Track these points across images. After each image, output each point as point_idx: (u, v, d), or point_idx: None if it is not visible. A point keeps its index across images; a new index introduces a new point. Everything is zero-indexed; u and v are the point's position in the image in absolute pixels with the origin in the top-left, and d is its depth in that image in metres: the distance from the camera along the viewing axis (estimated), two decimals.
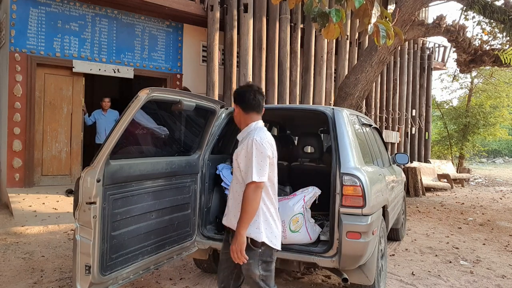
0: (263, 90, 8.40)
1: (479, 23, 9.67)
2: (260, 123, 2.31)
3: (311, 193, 3.15)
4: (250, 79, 8.06)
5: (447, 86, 24.93)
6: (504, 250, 5.18)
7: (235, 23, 7.92)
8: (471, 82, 16.95)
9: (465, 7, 7.89)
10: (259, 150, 2.12)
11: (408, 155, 4.95)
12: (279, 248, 2.26)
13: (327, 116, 3.23)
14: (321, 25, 2.44)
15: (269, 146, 2.18)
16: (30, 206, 5.94)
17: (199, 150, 3.34)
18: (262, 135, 2.19)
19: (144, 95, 2.34)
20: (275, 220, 2.25)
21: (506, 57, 7.80)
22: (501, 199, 10.09)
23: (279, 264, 3.23)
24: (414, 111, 12.24)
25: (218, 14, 7.72)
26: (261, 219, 2.18)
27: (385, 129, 11.08)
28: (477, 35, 12.14)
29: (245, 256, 2.09)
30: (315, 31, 9.10)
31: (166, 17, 7.99)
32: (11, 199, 6.08)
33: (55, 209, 5.94)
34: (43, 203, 6.07)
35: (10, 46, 6.45)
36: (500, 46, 9.04)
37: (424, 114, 12.58)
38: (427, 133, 12.67)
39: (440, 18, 7.77)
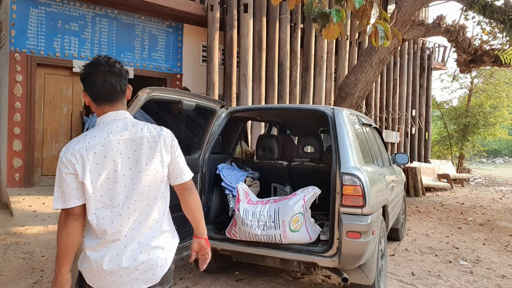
0: (263, 90, 8.48)
1: (479, 23, 9.68)
2: (109, 116, 1.59)
3: (311, 192, 3.15)
4: (250, 79, 8.07)
5: (447, 86, 24.96)
6: (504, 250, 5.19)
7: (235, 23, 7.92)
8: (471, 82, 16.96)
9: (465, 7, 7.89)
10: (57, 167, 1.54)
11: (408, 155, 4.95)
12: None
13: (327, 116, 3.23)
14: (321, 25, 2.45)
15: (66, 160, 1.49)
16: (30, 206, 5.95)
17: (199, 149, 3.34)
18: (72, 142, 1.55)
19: (144, 94, 2.34)
20: (92, 258, 1.55)
21: (506, 57, 7.81)
22: (501, 199, 10.09)
23: (279, 264, 3.24)
24: (414, 111, 12.25)
25: (218, 14, 7.72)
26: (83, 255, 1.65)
27: (385, 129, 11.08)
28: (477, 35, 12.16)
29: None
30: (315, 31, 9.11)
31: (166, 17, 8.00)
32: (11, 199, 6.08)
33: (55, 209, 5.94)
34: (43, 203, 6.08)
35: (10, 46, 6.45)
36: (500, 46, 9.05)
37: (424, 114, 12.59)
38: (427, 133, 12.67)
39: (440, 18, 7.78)
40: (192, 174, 1.74)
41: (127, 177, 1.54)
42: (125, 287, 1.54)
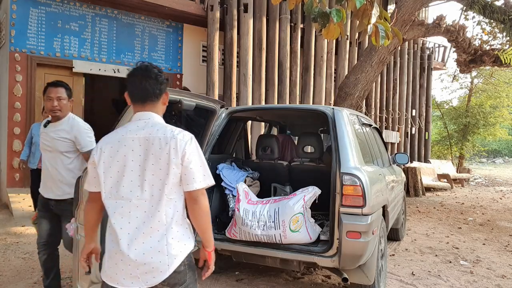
0: (263, 90, 8.48)
1: (479, 23, 9.68)
2: (136, 116, 1.74)
3: (311, 192, 3.15)
4: (250, 79, 8.07)
5: (447, 86, 24.98)
6: (504, 250, 5.18)
7: (235, 23, 7.92)
8: (471, 82, 16.96)
9: (465, 7, 7.90)
10: None
11: (408, 155, 4.95)
12: (103, 278, 1.72)
13: (327, 116, 3.23)
14: (321, 25, 2.45)
15: (95, 149, 1.72)
16: (30, 206, 5.94)
17: None
18: (109, 135, 1.76)
19: None
20: (108, 244, 1.70)
21: (506, 57, 7.81)
22: (501, 199, 10.09)
23: (279, 264, 3.24)
24: (414, 111, 12.24)
25: (218, 14, 7.72)
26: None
27: (385, 129, 11.08)
28: (477, 35, 12.17)
29: None
30: (315, 31, 9.11)
31: (166, 17, 7.99)
32: (11, 199, 6.08)
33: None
34: None
35: (10, 46, 6.45)
36: (500, 46, 9.05)
37: (424, 114, 12.59)
38: (427, 133, 12.67)
39: (440, 18, 7.77)
40: (207, 184, 1.69)
41: (135, 173, 1.64)
42: (126, 281, 1.62)
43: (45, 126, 2.98)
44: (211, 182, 1.71)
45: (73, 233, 2.69)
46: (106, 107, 10.99)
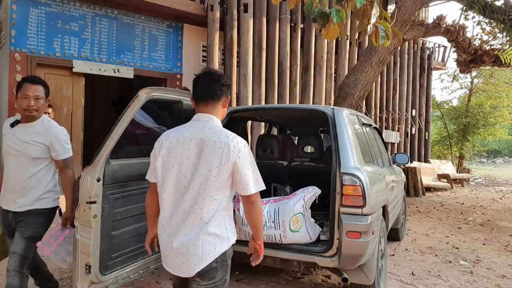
0: (263, 90, 8.47)
1: (479, 23, 9.68)
2: (197, 116, 1.91)
3: (311, 192, 3.15)
4: (250, 79, 8.07)
5: (447, 86, 24.89)
6: (504, 250, 5.18)
7: (235, 23, 7.92)
8: (471, 82, 16.95)
9: (465, 7, 7.90)
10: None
11: (408, 155, 4.95)
12: (168, 268, 1.93)
13: (327, 116, 3.23)
14: (321, 25, 2.45)
15: (157, 142, 1.91)
16: None
17: None
18: (172, 130, 1.95)
19: (144, 94, 2.34)
20: (161, 230, 1.88)
21: (506, 57, 7.81)
22: (501, 199, 10.09)
23: (279, 263, 3.24)
24: (414, 111, 12.24)
25: (218, 14, 7.72)
26: None
27: (385, 129, 11.08)
28: (477, 35, 12.16)
29: None
30: (315, 31, 9.11)
31: (166, 17, 7.99)
32: None
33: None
34: None
35: (10, 46, 6.45)
36: (500, 46, 9.05)
37: (424, 114, 12.58)
38: (427, 133, 12.67)
39: (440, 18, 7.77)
40: (258, 189, 1.83)
41: (188, 170, 1.80)
42: (171, 268, 1.85)
43: (12, 126, 2.59)
44: (262, 187, 1.86)
45: (49, 252, 2.48)
46: (106, 107, 11.00)
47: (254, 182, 1.80)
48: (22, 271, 2.47)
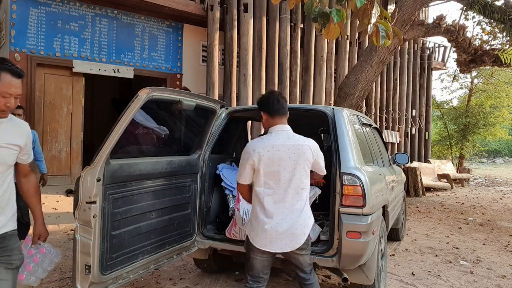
0: (263, 90, 8.47)
1: (479, 23, 9.68)
2: (277, 127, 2.43)
3: (311, 192, 3.15)
4: (250, 79, 8.07)
5: (447, 86, 24.86)
6: (504, 250, 5.18)
7: (235, 23, 7.92)
8: (471, 82, 16.95)
9: (465, 7, 7.89)
10: (243, 152, 2.42)
11: (408, 155, 4.94)
12: (256, 245, 2.35)
13: (327, 116, 3.23)
14: (321, 25, 2.44)
15: (252, 152, 2.34)
16: None
17: (199, 149, 3.34)
18: (254, 141, 2.45)
19: (144, 94, 2.33)
20: (259, 220, 2.34)
21: (506, 57, 7.81)
22: (501, 199, 10.09)
23: (279, 264, 3.23)
24: (414, 111, 12.24)
25: (218, 14, 7.72)
26: (250, 218, 2.47)
27: (385, 129, 11.08)
28: (477, 35, 12.14)
29: None
30: (315, 31, 9.10)
31: (166, 17, 7.99)
32: None
33: (55, 209, 5.94)
34: (43, 203, 6.04)
35: (10, 46, 6.45)
36: (500, 46, 9.05)
37: (424, 114, 12.58)
38: (427, 133, 12.67)
39: (440, 18, 7.77)
40: (325, 172, 2.59)
41: (287, 170, 2.32)
42: (272, 245, 2.32)
43: None
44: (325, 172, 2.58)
45: (22, 277, 2.09)
46: (106, 107, 11.00)
47: (323, 168, 2.54)
48: None
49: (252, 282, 2.46)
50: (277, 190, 2.32)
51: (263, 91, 8.32)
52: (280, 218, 2.31)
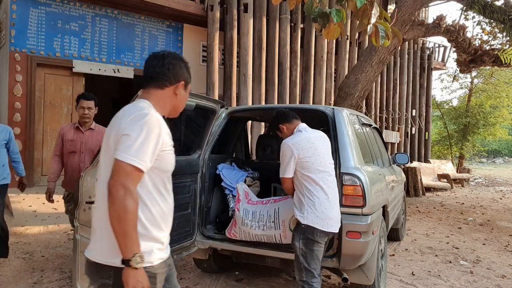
0: (263, 90, 8.47)
1: (479, 23, 9.68)
2: (300, 126, 2.85)
3: None
4: (250, 79, 8.07)
5: (447, 86, 24.80)
6: (504, 250, 5.18)
7: (235, 23, 7.92)
8: (471, 82, 16.95)
9: (465, 7, 7.89)
10: (283, 151, 2.71)
11: (408, 155, 4.94)
12: (323, 228, 2.53)
13: (327, 116, 3.23)
14: (321, 25, 2.44)
15: (292, 148, 2.67)
16: (30, 206, 5.94)
17: (199, 149, 3.34)
18: (289, 138, 2.77)
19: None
20: (322, 205, 2.56)
21: (506, 57, 7.81)
22: (501, 199, 10.09)
23: (279, 264, 3.23)
24: (414, 111, 12.24)
25: (218, 14, 7.72)
26: (305, 205, 2.58)
27: (385, 129, 11.08)
28: (477, 35, 12.14)
29: None
30: (315, 31, 9.11)
31: (166, 17, 7.99)
32: (11, 199, 6.07)
33: (55, 209, 5.94)
34: (43, 203, 6.07)
35: (10, 46, 6.45)
36: (500, 46, 9.05)
37: (424, 114, 12.59)
38: (427, 133, 12.67)
39: (440, 18, 7.77)
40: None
41: (322, 155, 2.67)
42: (335, 226, 2.61)
43: None
44: None
45: None
46: (105, 107, 10.98)
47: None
48: None
49: (317, 277, 2.56)
50: (324, 174, 2.61)
51: (263, 91, 8.33)
52: (332, 200, 2.60)
